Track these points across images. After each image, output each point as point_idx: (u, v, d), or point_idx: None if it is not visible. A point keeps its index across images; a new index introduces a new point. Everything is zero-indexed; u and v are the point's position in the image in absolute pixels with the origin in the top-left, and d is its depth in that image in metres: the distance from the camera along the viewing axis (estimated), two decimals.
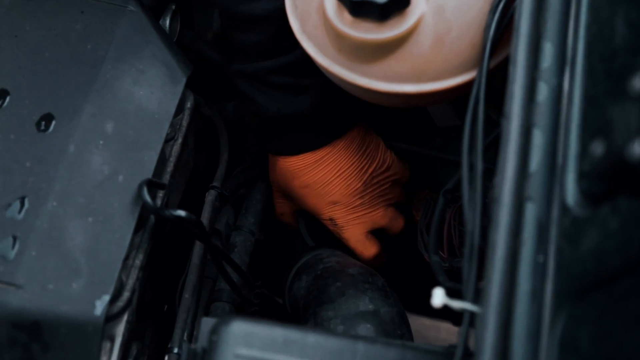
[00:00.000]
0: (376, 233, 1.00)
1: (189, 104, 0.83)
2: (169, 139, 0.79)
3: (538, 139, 0.53)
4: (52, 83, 0.78)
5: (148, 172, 0.75)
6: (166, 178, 0.77)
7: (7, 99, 0.76)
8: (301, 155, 0.93)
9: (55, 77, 0.78)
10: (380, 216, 0.95)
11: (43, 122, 0.76)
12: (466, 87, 0.67)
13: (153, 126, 0.78)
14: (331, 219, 0.96)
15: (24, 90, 0.77)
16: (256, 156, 0.97)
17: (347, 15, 0.67)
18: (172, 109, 0.79)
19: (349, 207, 0.96)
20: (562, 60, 0.56)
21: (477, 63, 0.65)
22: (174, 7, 0.91)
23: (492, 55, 0.65)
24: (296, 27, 0.74)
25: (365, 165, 0.96)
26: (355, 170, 0.95)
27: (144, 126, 0.78)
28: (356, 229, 0.95)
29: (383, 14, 0.65)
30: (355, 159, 0.95)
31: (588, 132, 0.50)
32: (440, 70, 0.68)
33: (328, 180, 0.95)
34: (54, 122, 0.75)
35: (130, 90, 0.79)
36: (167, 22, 0.90)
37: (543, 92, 0.55)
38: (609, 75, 0.50)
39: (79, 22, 0.82)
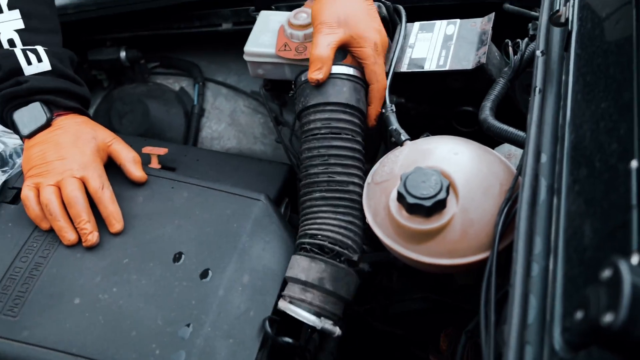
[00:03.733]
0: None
1: None
2: (283, 287, 0.79)
3: (533, 302, 0.53)
4: (210, 248, 0.80)
5: (268, 310, 0.76)
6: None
7: (182, 258, 0.79)
8: None
9: (212, 244, 0.80)
10: None
11: (204, 274, 0.77)
12: (482, 262, 0.67)
13: (273, 279, 0.79)
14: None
15: (193, 253, 0.79)
16: None
17: (404, 213, 0.69)
18: (285, 267, 0.81)
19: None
20: (547, 249, 0.56)
21: (490, 246, 0.66)
22: (287, 199, 0.94)
23: (500, 241, 0.66)
24: (369, 217, 0.75)
25: None
26: None
27: (267, 279, 0.79)
28: None
29: (429, 213, 0.67)
30: None
31: (570, 301, 0.50)
32: (466, 250, 0.69)
33: None
34: (210, 274, 0.77)
35: (260, 254, 0.81)
36: (283, 209, 0.93)
37: (536, 270, 0.56)
38: (581, 264, 0.51)
39: (229, 209, 0.84)
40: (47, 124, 0.85)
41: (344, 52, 0.89)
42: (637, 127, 0.54)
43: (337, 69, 0.86)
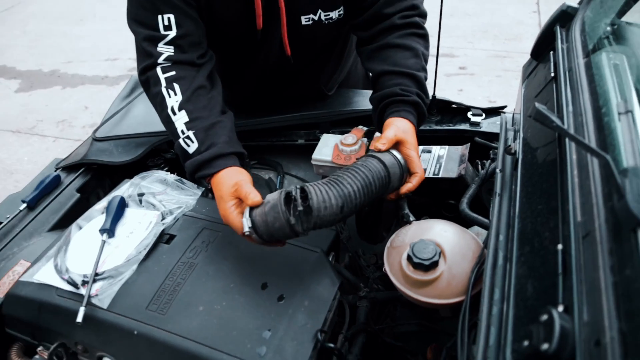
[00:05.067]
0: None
1: (337, 295, 0.80)
2: (330, 309, 0.78)
3: (493, 331, 0.54)
4: (285, 281, 0.78)
5: (319, 323, 0.74)
6: (326, 326, 0.76)
7: (267, 287, 0.78)
8: None
9: (286, 279, 0.79)
10: None
11: (280, 298, 0.77)
12: (460, 302, 0.67)
13: (324, 304, 0.78)
14: None
15: (274, 284, 0.78)
16: (364, 321, 0.87)
17: (411, 268, 0.71)
18: (332, 296, 0.79)
19: None
20: (503, 297, 0.57)
21: (466, 293, 0.66)
22: (333, 253, 0.92)
23: (472, 290, 0.66)
24: (388, 269, 0.75)
25: None
26: None
27: (320, 304, 0.77)
28: None
29: (427, 269, 0.69)
30: None
31: (517, 332, 0.50)
32: (449, 295, 0.69)
33: None
34: (284, 299, 0.76)
35: (315, 287, 0.79)
36: (331, 258, 0.89)
37: (495, 310, 0.56)
38: (525, 308, 0.52)
39: (298, 256, 0.83)
40: (210, 192, 0.86)
41: None
42: (561, 223, 0.55)
43: (393, 151, 0.83)
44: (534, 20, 4.07)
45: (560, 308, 0.45)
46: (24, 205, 1.09)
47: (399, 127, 0.85)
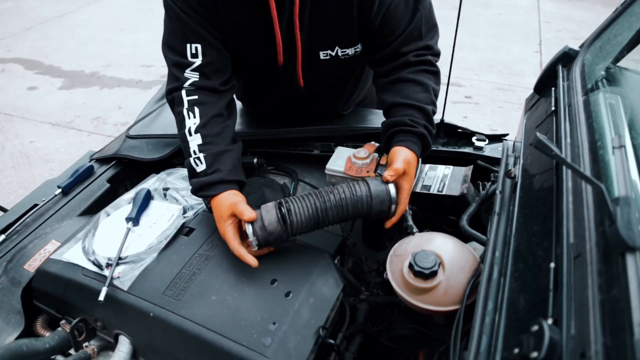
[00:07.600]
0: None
1: (340, 296, 0.81)
2: (332, 308, 0.78)
3: (484, 339, 0.53)
4: (293, 279, 0.78)
5: (322, 321, 0.74)
6: (328, 324, 0.76)
7: (276, 282, 0.78)
8: None
9: (295, 276, 0.78)
10: None
11: (287, 294, 0.76)
12: (455, 311, 0.67)
13: (327, 303, 0.77)
14: None
15: (282, 280, 0.78)
16: (363, 322, 0.86)
17: (411, 275, 0.71)
18: (335, 297, 0.79)
19: None
20: (496, 308, 0.56)
21: (461, 302, 0.67)
22: (338, 257, 0.92)
23: (467, 300, 0.66)
24: (390, 276, 0.75)
25: None
26: None
27: (324, 302, 0.77)
28: None
29: (426, 277, 0.69)
30: None
31: (507, 341, 0.50)
32: (446, 303, 0.69)
33: None
34: (291, 295, 0.76)
35: (321, 287, 0.79)
36: (336, 261, 0.90)
37: (487, 320, 0.56)
38: (516, 319, 0.52)
39: (307, 256, 0.83)
40: (210, 208, 0.87)
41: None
42: (554, 244, 0.56)
43: (391, 186, 0.83)
44: (536, 60, 4.09)
45: (550, 321, 0.45)
46: (59, 190, 1.12)
47: (405, 159, 0.86)
